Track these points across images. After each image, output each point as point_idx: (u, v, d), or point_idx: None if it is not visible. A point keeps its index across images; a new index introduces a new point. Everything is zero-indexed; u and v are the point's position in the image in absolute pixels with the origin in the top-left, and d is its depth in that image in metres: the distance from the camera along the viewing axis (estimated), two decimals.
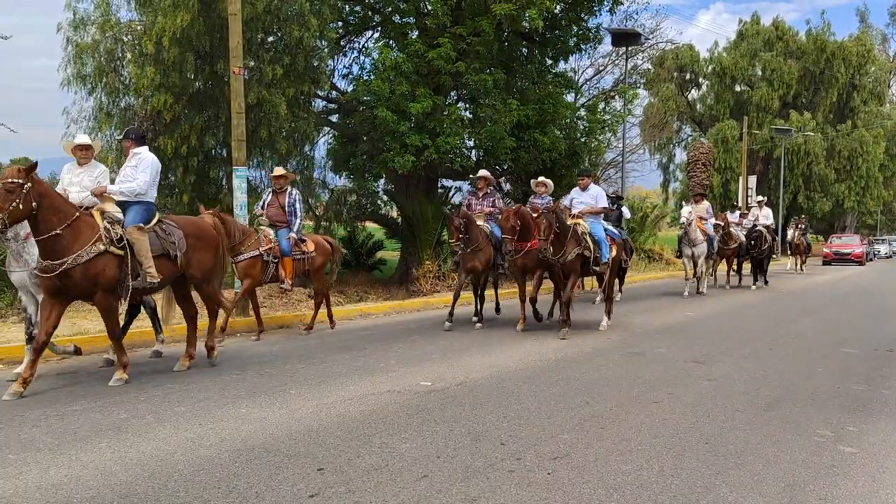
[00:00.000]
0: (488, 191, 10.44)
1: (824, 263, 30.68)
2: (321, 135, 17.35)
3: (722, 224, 16.50)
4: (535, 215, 9.09)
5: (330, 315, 9.69)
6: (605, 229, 9.61)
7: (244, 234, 8.65)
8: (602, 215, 9.80)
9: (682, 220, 15.23)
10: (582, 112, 18.97)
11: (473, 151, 16.66)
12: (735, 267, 17.94)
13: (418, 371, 6.74)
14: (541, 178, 10.63)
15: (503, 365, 7.12)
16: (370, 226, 19.88)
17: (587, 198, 9.62)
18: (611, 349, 8.18)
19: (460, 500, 3.58)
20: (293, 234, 8.91)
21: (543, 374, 6.73)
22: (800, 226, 25.27)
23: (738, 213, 19.03)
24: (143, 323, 8.88)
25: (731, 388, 6.17)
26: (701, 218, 15.52)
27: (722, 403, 5.62)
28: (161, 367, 6.89)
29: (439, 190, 17.84)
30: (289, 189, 9.16)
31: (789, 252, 25.85)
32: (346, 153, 16.02)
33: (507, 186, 19.02)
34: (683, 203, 16.75)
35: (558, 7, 16.16)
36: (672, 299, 14.18)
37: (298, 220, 9.11)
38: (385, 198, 18.42)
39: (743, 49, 40.54)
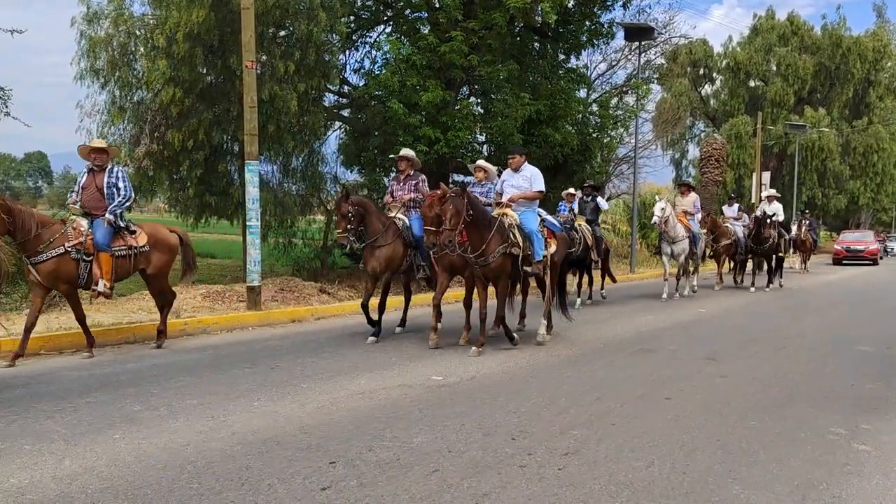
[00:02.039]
0: (411, 173, 8.74)
1: (835, 262, 28.24)
2: (332, 129, 17.36)
3: (702, 220, 15.04)
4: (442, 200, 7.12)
5: (163, 329, 7.79)
6: (544, 220, 8.07)
7: (42, 225, 6.74)
8: (537, 202, 8.08)
9: (655, 219, 13.33)
10: (594, 107, 18.86)
11: (485, 146, 16.62)
12: (731, 266, 16.86)
13: (429, 366, 6.75)
14: (479, 162, 8.79)
15: (513, 361, 7.12)
16: None
17: (519, 180, 7.91)
18: (621, 346, 8.15)
19: (471, 495, 3.59)
20: (110, 217, 7.04)
21: (554, 370, 6.72)
22: (804, 222, 23.72)
23: (736, 206, 17.63)
24: (155, 316, 8.96)
25: (743, 386, 6.14)
26: (686, 212, 14.04)
27: (734, 401, 5.60)
28: (173, 361, 6.93)
29: (450, 185, 17.82)
30: (110, 166, 7.34)
31: (793, 250, 24.93)
32: (358, 148, 16.01)
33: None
34: (657, 198, 14.46)
35: (571, 1, 16.06)
36: (682, 297, 14.10)
37: (121, 200, 7.21)
38: None
39: (757, 44, 40.19)
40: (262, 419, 4.87)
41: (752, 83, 41.30)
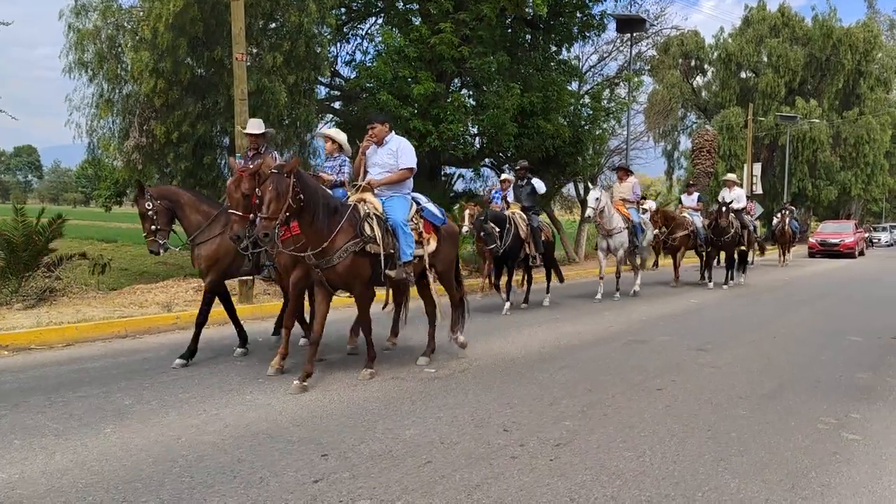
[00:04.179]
0: (262, 149, 7.03)
1: (810, 255, 27.12)
2: (324, 122, 17.29)
3: (652, 215, 13.81)
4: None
5: None
6: (422, 209, 6.39)
7: None
8: (408, 186, 6.38)
9: (589, 212, 11.54)
10: (586, 99, 18.86)
11: (477, 139, 16.60)
12: (683, 260, 15.02)
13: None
14: (325, 130, 7.41)
15: (506, 352, 7.13)
16: None
17: (384, 157, 6.26)
18: (614, 337, 8.18)
19: (463, 486, 3.60)
20: None
21: (546, 361, 6.74)
22: (786, 212, 23.05)
23: (696, 195, 16.04)
24: (147, 310, 8.94)
25: (734, 376, 6.17)
26: (625, 200, 12.42)
27: (725, 391, 5.63)
28: (165, 355, 6.91)
29: (442, 177, 17.81)
30: None
31: (773, 242, 24.12)
32: (350, 140, 15.98)
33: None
34: (590, 186, 12.02)
35: None
36: (674, 287, 14.15)
37: None
38: None
39: (749, 35, 40.23)
40: (254, 412, 4.86)
41: (743, 74, 41.37)
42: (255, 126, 7.16)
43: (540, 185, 11.16)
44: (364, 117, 15.01)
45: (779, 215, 23.92)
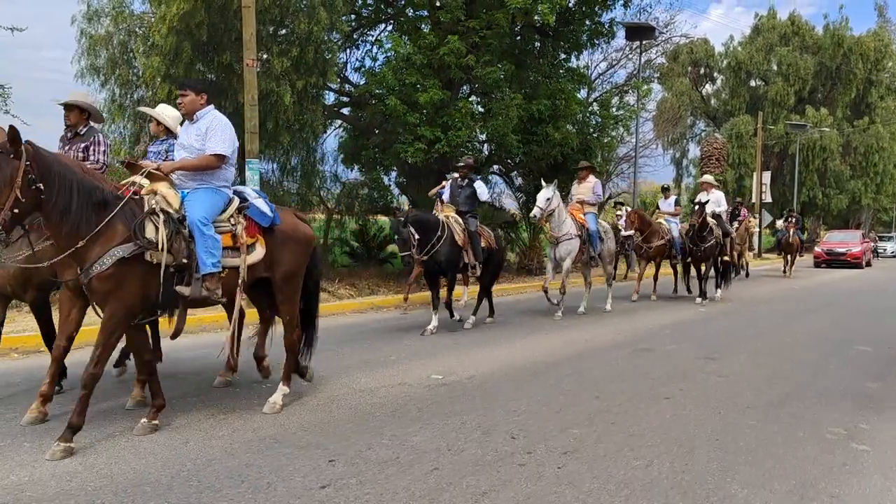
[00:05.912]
0: (81, 131, 5.65)
1: (816, 265, 26.14)
2: (333, 128, 17.36)
3: (628, 215, 12.97)
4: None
5: None
6: (247, 207, 4.94)
7: None
8: (222, 178, 4.88)
9: (536, 211, 9.97)
10: (595, 107, 18.85)
11: (485, 145, 16.62)
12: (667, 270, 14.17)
13: (429, 364, 6.76)
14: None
15: (513, 359, 7.13)
16: (382, 219, 19.91)
17: (191, 137, 4.90)
18: (620, 345, 8.16)
19: (470, 494, 3.60)
20: None
21: (553, 368, 6.73)
22: (790, 219, 22.03)
23: (673, 199, 14.57)
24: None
25: (741, 385, 6.14)
26: (583, 202, 10.93)
27: (733, 400, 5.61)
28: (174, 359, 6.93)
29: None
30: None
31: (778, 251, 23.62)
32: (358, 146, 16.03)
33: (518, 181, 18.93)
34: (543, 184, 10.34)
35: (572, 1, 16.07)
36: (680, 297, 14.09)
37: None
38: (396, 191, 18.45)
39: (759, 43, 40.16)
40: (262, 417, 4.88)
41: (752, 83, 41.27)
42: (74, 98, 5.69)
43: (482, 191, 9.80)
44: (373, 123, 15.11)
45: (784, 224, 23.54)
